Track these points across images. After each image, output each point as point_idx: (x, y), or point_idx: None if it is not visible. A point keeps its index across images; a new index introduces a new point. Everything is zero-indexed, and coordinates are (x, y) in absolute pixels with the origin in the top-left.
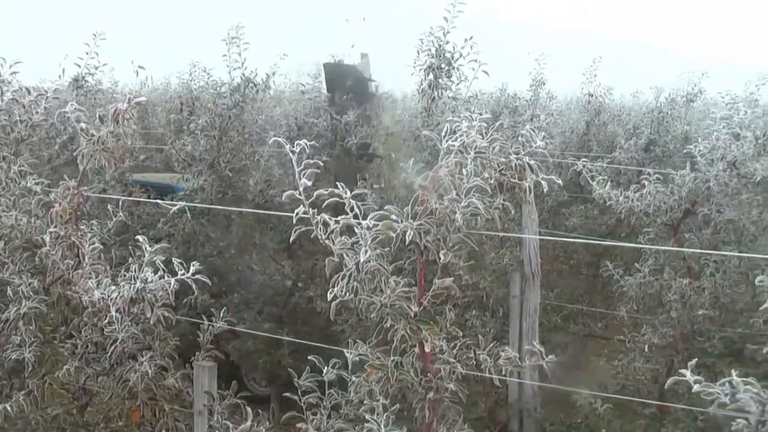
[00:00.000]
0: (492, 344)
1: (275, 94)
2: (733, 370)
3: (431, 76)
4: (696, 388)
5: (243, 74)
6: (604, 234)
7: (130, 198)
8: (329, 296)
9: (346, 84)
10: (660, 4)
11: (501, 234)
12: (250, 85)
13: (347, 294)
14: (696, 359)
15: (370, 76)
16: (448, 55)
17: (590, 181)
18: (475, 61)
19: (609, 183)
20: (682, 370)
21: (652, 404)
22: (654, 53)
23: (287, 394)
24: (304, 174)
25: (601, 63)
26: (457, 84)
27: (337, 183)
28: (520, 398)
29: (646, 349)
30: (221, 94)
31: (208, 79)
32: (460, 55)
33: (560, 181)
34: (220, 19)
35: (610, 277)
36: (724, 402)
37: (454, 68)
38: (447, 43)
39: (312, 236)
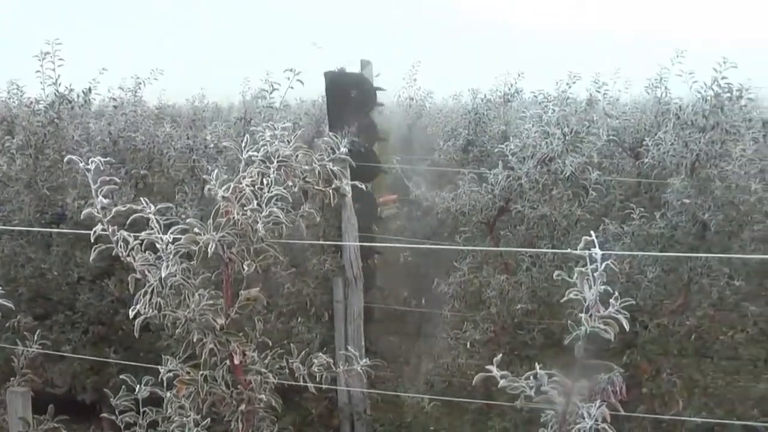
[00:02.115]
0: (304, 351)
1: (98, 109)
2: (536, 363)
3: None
4: (502, 383)
5: (57, 90)
6: (428, 235)
7: None
8: (131, 313)
9: (350, 94)
10: None
11: (321, 242)
12: (65, 101)
13: (150, 310)
14: (516, 353)
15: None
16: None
17: (407, 182)
18: (291, 70)
19: (426, 184)
20: (488, 366)
21: (478, 399)
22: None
23: (104, 415)
24: (101, 191)
25: (420, 66)
26: (271, 93)
27: (141, 198)
28: (350, 402)
29: (469, 346)
30: (35, 111)
31: (21, 96)
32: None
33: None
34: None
35: (434, 277)
36: (531, 395)
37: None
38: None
39: (114, 253)
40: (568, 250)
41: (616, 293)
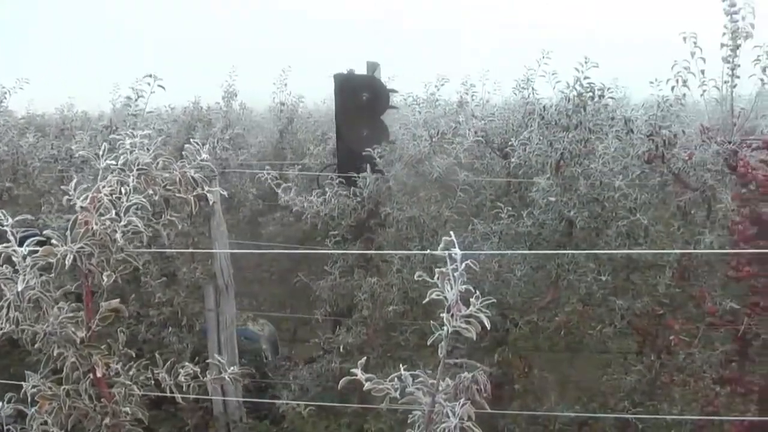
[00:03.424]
0: (169, 361)
1: None
2: (401, 365)
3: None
4: (367, 385)
5: None
6: (302, 240)
7: None
8: None
9: (360, 96)
10: None
11: (190, 250)
12: None
13: (8, 325)
14: (390, 354)
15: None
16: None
17: (276, 188)
18: (151, 75)
19: (295, 189)
20: (353, 369)
21: (353, 403)
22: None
23: None
24: None
25: (290, 71)
26: (136, 100)
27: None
28: (225, 411)
29: (341, 349)
30: None
31: None
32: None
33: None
34: None
35: (308, 282)
36: (396, 397)
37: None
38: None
39: None
40: (428, 251)
41: (477, 293)
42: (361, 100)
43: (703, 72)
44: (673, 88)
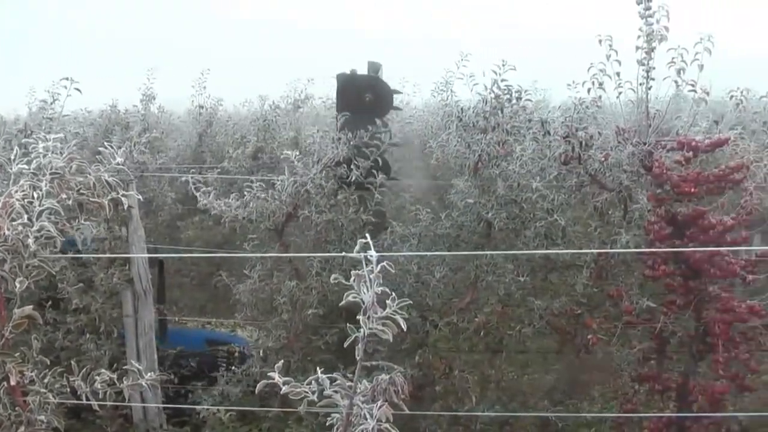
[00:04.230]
0: (85, 368)
1: None
2: (318, 368)
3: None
4: (285, 389)
5: None
6: (221, 244)
7: None
8: None
9: (363, 97)
10: None
11: (107, 255)
12: None
13: None
14: (310, 358)
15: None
16: None
17: (195, 192)
18: (67, 78)
19: (214, 192)
20: (271, 373)
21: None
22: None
23: None
24: None
25: (209, 74)
26: (51, 103)
27: None
28: (145, 418)
29: (262, 354)
30: None
31: None
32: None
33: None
34: None
35: (228, 286)
36: (314, 400)
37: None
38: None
39: None
40: (344, 254)
41: (393, 294)
42: (363, 100)
43: (618, 74)
44: (589, 90)
